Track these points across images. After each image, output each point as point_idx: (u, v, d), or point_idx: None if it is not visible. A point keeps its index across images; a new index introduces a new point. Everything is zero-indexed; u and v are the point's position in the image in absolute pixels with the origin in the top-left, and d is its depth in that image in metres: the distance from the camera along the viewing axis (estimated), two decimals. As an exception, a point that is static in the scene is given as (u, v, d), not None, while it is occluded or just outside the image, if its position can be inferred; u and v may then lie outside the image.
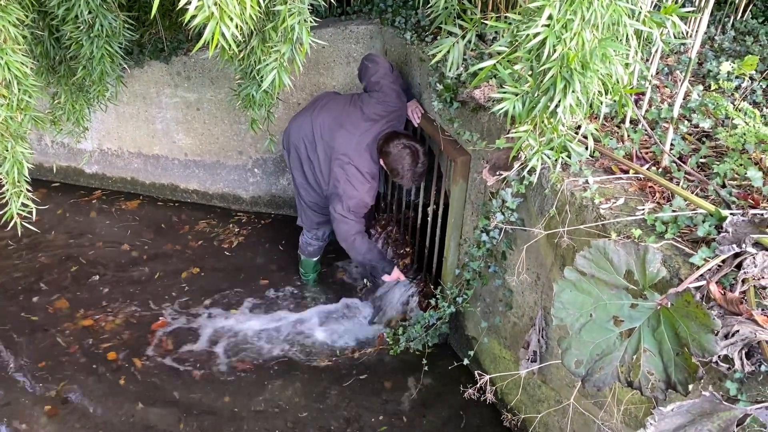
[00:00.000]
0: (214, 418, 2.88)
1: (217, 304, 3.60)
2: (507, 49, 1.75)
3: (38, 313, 3.46)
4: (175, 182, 4.50)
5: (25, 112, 2.41)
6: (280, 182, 4.35)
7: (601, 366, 1.49)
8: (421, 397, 3.03)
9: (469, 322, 3.08)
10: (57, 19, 2.73)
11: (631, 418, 1.85)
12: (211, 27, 1.70)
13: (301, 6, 2.22)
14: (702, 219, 1.64)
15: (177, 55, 3.90)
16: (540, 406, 2.49)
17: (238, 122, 4.10)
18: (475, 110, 2.65)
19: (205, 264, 3.92)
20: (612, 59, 1.65)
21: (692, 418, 1.28)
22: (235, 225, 4.31)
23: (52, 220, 4.25)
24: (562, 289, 1.54)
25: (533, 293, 2.40)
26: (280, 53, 2.36)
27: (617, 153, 2.01)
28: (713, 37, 2.99)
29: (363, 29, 3.66)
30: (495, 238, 2.45)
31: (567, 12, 1.54)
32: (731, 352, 1.35)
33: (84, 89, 3.16)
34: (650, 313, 1.46)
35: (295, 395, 3.02)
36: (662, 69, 2.62)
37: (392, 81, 3.11)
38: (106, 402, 2.93)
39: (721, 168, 1.83)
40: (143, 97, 4.11)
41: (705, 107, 2.20)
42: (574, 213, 1.91)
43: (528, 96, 1.76)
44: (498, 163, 2.21)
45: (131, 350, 3.24)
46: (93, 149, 4.46)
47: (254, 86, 2.78)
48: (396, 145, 3.03)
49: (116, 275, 3.79)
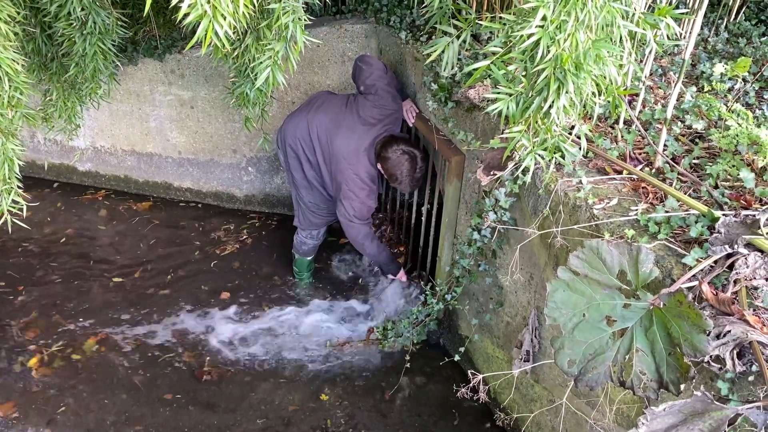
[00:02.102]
0: (206, 416, 2.87)
1: (212, 304, 3.59)
2: (501, 49, 1.75)
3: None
4: (168, 180, 4.48)
5: (16, 109, 2.39)
6: (274, 181, 4.34)
7: (593, 365, 1.49)
8: (414, 395, 3.03)
9: (462, 321, 3.09)
10: (49, 16, 2.71)
11: (624, 417, 1.86)
12: (204, 25, 1.69)
13: (296, 4, 2.21)
14: (695, 220, 1.64)
15: (171, 52, 3.88)
16: (533, 405, 2.50)
17: (232, 120, 4.08)
18: (470, 110, 2.65)
19: (203, 264, 3.91)
20: (606, 60, 1.65)
21: (684, 417, 1.28)
22: (246, 228, 4.28)
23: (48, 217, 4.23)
24: (555, 288, 1.54)
25: (526, 293, 2.40)
26: (274, 51, 2.35)
27: (611, 153, 2.01)
28: (707, 38, 3.00)
29: (358, 28, 3.66)
30: (486, 237, 2.46)
31: (561, 13, 1.54)
32: (723, 352, 1.35)
33: (76, 86, 3.14)
34: (643, 313, 1.46)
35: (288, 394, 3.02)
36: (656, 70, 2.63)
37: (387, 83, 3.10)
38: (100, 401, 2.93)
39: (714, 169, 1.84)
40: (137, 94, 4.09)
41: (698, 108, 2.21)
42: (568, 213, 1.92)
43: (522, 96, 1.76)
44: (492, 162, 2.21)
45: (115, 349, 3.23)
46: (86, 147, 4.43)
47: (248, 84, 2.77)
48: (395, 150, 3.03)
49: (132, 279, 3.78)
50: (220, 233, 4.18)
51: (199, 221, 4.30)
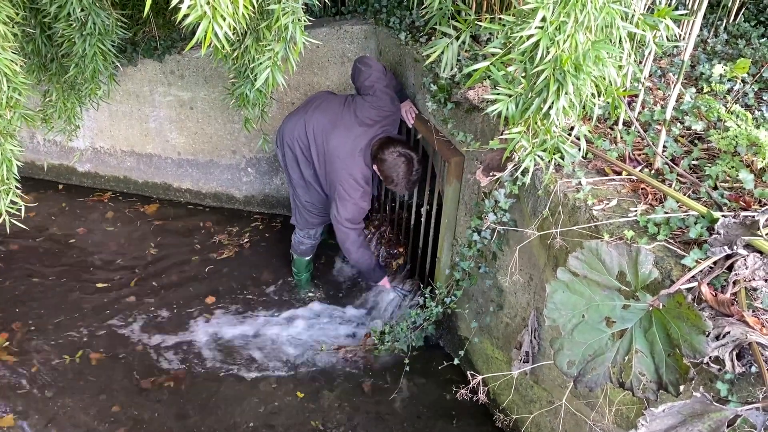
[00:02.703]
0: (204, 419, 2.87)
1: (208, 307, 3.59)
2: (501, 50, 1.75)
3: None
4: (168, 181, 4.47)
5: (15, 110, 2.39)
6: (273, 182, 4.33)
7: (593, 367, 1.49)
8: (414, 397, 3.03)
9: (462, 323, 3.08)
10: (49, 17, 2.71)
11: (623, 418, 1.85)
12: (204, 26, 1.69)
13: (295, 5, 2.21)
14: (694, 221, 1.64)
15: (171, 53, 3.88)
16: (532, 406, 2.50)
17: (232, 121, 4.08)
18: (469, 111, 2.65)
19: (202, 268, 3.90)
20: (605, 61, 1.65)
21: (683, 418, 1.28)
22: (248, 230, 4.28)
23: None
24: (554, 289, 1.54)
25: (526, 294, 2.40)
26: (274, 52, 2.35)
27: (610, 154, 2.01)
28: (706, 40, 3.00)
29: (357, 29, 3.66)
30: (486, 238, 2.46)
31: (560, 14, 1.54)
32: (722, 354, 1.35)
33: (76, 87, 3.14)
34: (642, 314, 1.46)
35: (287, 396, 3.01)
36: (655, 71, 2.63)
37: (386, 85, 3.10)
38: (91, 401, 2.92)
39: (713, 170, 1.84)
40: (136, 95, 4.09)
41: (697, 110, 2.21)
42: (567, 214, 1.92)
43: (521, 97, 1.76)
44: (491, 164, 2.21)
45: (115, 349, 3.23)
46: (85, 147, 4.43)
47: (248, 85, 2.77)
48: (391, 152, 3.02)
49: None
50: (222, 236, 4.17)
51: (203, 222, 4.30)
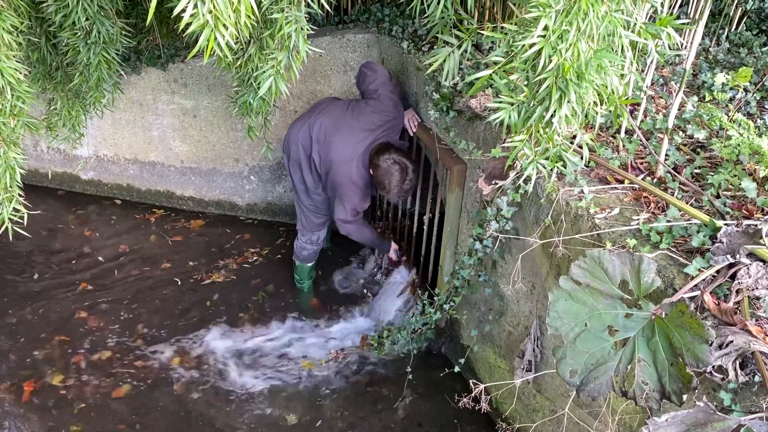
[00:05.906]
0: (205, 428, 2.86)
1: (208, 317, 3.59)
2: (503, 59, 1.76)
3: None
4: (171, 189, 4.48)
5: (18, 118, 2.41)
6: (276, 190, 4.34)
7: (595, 375, 1.48)
8: (416, 406, 3.01)
9: (464, 331, 3.07)
10: (54, 26, 2.73)
11: (626, 428, 1.84)
12: (206, 35, 1.70)
13: (298, 14, 2.22)
14: (696, 229, 1.64)
15: (174, 62, 3.90)
16: (535, 415, 2.48)
17: (235, 129, 4.10)
18: (471, 119, 2.65)
19: (202, 275, 3.90)
20: (607, 70, 1.66)
21: (686, 428, 1.27)
22: (250, 238, 4.27)
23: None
24: (557, 298, 1.53)
25: (528, 302, 2.39)
26: (277, 61, 2.36)
27: (612, 163, 2.01)
28: (708, 48, 3.01)
29: (360, 38, 3.68)
30: (488, 247, 2.45)
31: (563, 23, 1.55)
32: (725, 363, 1.35)
33: (80, 95, 3.16)
34: (645, 323, 1.46)
35: (289, 402, 3.00)
36: (657, 80, 2.63)
37: (390, 90, 3.12)
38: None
39: (716, 179, 1.83)
40: (140, 103, 4.11)
41: (700, 118, 2.21)
42: (570, 222, 1.91)
43: (524, 106, 1.76)
44: (494, 172, 2.22)
45: (123, 357, 3.22)
46: (89, 155, 4.45)
47: (251, 93, 2.79)
48: (386, 159, 3.03)
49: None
50: (225, 244, 4.17)
51: (205, 230, 4.30)
